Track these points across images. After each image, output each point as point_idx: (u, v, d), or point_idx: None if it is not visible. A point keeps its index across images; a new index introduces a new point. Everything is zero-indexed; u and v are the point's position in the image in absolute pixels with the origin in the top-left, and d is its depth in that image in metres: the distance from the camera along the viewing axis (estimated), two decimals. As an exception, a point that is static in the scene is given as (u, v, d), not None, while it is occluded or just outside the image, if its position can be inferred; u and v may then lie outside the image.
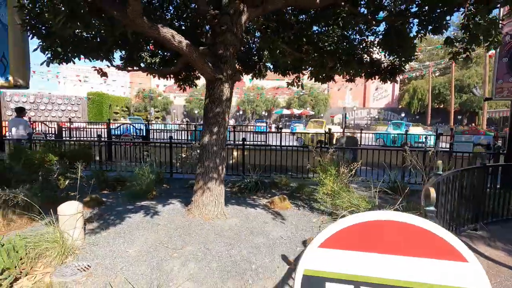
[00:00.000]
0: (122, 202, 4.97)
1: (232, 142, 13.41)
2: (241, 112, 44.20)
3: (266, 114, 45.07)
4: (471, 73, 35.08)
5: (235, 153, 9.12)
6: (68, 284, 2.65)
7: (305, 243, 3.56)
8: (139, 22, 2.94)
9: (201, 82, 7.06)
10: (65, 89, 40.40)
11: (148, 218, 4.09)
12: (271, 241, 3.57)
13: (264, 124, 31.14)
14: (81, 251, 3.20)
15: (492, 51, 6.72)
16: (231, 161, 8.77)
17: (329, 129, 9.96)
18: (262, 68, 6.32)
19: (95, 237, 3.55)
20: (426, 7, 5.01)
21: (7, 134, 8.98)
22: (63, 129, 12.84)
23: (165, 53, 5.95)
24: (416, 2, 4.91)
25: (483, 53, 26.69)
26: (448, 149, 9.38)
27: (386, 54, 5.96)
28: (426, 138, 11.65)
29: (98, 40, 4.97)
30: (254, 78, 6.42)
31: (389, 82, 6.31)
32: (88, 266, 2.92)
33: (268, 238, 3.64)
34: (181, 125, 23.30)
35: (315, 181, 6.78)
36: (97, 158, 8.06)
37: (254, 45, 6.32)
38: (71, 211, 3.31)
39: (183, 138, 15.45)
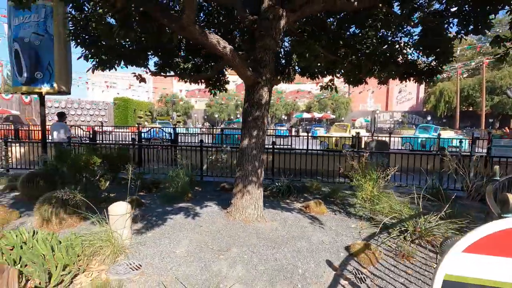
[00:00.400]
0: (160, 204, 5.11)
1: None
2: (260, 116, 44.16)
3: (286, 117, 44.93)
4: (503, 74, 33.26)
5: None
6: (123, 282, 2.75)
7: (348, 249, 3.50)
8: (191, 29, 3.04)
9: (228, 87, 7.15)
10: (93, 95, 42.37)
11: (189, 219, 4.17)
12: (313, 245, 3.53)
13: (285, 128, 31.05)
14: (130, 250, 3.32)
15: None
16: None
17: (358, 133, 9.77)
18: (291, 72, 6.33)
19: (141, 237, 3.67)
20: (467, 7, 4.84)
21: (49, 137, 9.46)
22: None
23: (196, 60, 6.10)
24: (457, 1, 4.74)
25: (517, 53, 25.29)
26: (485, 154, 8.91)
27: (421, 55, 5.80)
28: (461, 142, 11.14)
29: (137, 47, 5.18)
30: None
31: (425, 83, 6.15)
32: (139, 265, 3.02)
33: (310, 242, 3.60)
34: (202, 129, 23.74)
35: (346, 185, 6.70)
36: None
37: (282, 49, 6.35)
38: (121, 211, 3.44)
39: (207, 141, 15.68)
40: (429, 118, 36.10)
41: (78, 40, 5.50)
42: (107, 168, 5.59)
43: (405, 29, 5.70)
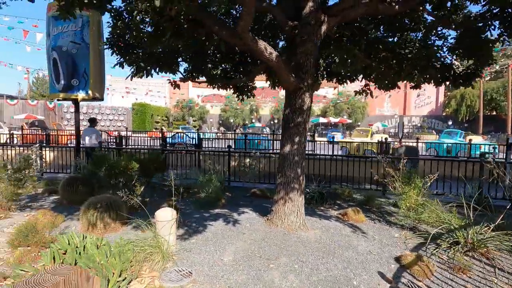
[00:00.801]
0: (195, 209, 5.12)
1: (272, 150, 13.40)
2: (275, 121, 44.23)
3: (301, 122, 44.63)
4: (530, 76, 31.88)
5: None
6: (177, 290, 2.73)
7: (398, 260, 3.37)
8: (245, 36, 3.05)
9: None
10: (112, 101, 43.60)
11: (230, 226, 4.15)
12: (361, 255, 3.43)
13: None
14: (177, 257, 3.31)
15: None
16: (274, 170, 8.74)
17: (386, 138, 9.54)
18: (319, 77, 6.27)
19: (185, 243, 3.66)
20: (510, 9, 4.66)
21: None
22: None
23: (224, 65, 6.14)
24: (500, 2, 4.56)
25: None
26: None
27: (456, 58, 5.63)
28: (494, 148, 10.68)
29: (172, 54, 5.27)
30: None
31: (462, 87, 5.95)
32: (190, 272, 3.00)
33: (357, 252, 3.50)
34: (223, 134, 23.82)
35: (379, 192, 6.52)
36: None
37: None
38: (167, 218, 3.46)
39: (225, 146, 15.72)
40: (450, 122, 35.02)
41: (115, 48, 5.66)
42: (140, 173, 5.66)
43: (439, 32, 5.55)
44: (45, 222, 4.05)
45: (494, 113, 37.96)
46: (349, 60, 4.68)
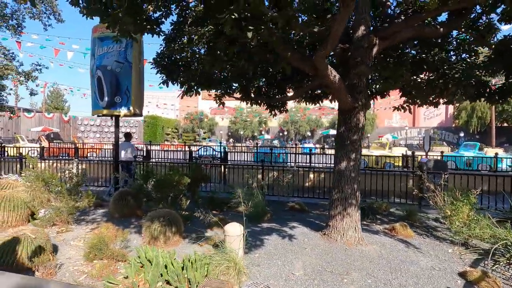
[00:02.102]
0: (243, 223, 5.23)
1: (290, 163, 13.49)
2: (285, 133, 44.47)
3: (310, 134, 44.86)
4: (541, 88, 31.83)
5: (311, 175, 9.20)
6: (262, 303, 2.84)
7: (463, 276, 3.43)
8: (321, 63, 3.28)
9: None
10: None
11: (286, 241, 4.26)
12: (426, 271, 3.51)
13: (312, 145, 30.84)
14: (249, 271, 3.43)
15: None
16: (307, 183, 8.85)
17: (413, 152, 9.63)
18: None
19: (250, 257, 3.78)
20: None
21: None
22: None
23: (261, 84, 6.41)
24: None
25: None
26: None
27: (492, 75, 5.79)
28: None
29: (223, 74, 5.54)
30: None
31: (498, 104, 6.08)
32: (268, 286, 3.12)
33: (421, 267, 3.58)
34: (234, 146, 23.98)
35: (415, 206, 6.56)
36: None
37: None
38: (236, 232, 3.59)
39: (242, 159, 15.83)
40: (462, 134, 34.83)
41: (160, 68, 5.96)
42: (188, 187, 5.83)
43: (473, 49, 5.72)
44: (109, 236, 4.21)
45: (505, 124, 37.71)
46: (395, 80, 4.89)
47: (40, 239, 3.51)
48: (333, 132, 36.77)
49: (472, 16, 5.00)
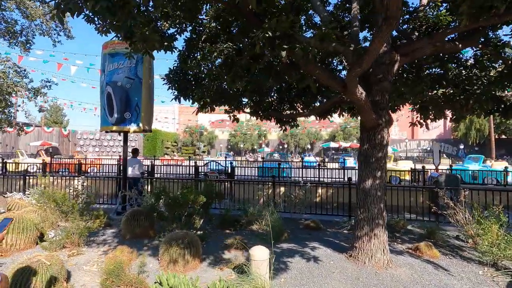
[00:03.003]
0: (260, 243, 5.03)
1: (292, 178, 13.33)
2: (285, 146, 44.44)
3: (309, 147, 44.86)
4: (537, 101, 32.32)
5: (319, 190, 9.03)
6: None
7: (503, 301, 3.26)
8: (352, 81, 3.22)
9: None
10: (123, 127, 44.20)
11: (312, 263, 4.07)
12: (463, 296, 3.33)
13: (313, 159, 30.68)
14: (277, 299, 3.24)
15: None
16: (315, 199, 8.66)
17: (423, 167, 9.53)
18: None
19: (276, 283, 3.59)
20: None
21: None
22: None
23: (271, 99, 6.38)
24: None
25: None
26: None
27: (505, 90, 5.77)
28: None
29: (237, 90, 5.48)
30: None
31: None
32: (301, 316, 2.92)
33: (457, 292, 3.41)
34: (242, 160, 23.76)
35: (432, 223, 6.38)
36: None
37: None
38: (263, 257, 3.41)
39: (246, 173, 15.63)
40: (462, 146, 35.00)
41: (174, 84, 5.91)
42: (201, 205, 5.65)
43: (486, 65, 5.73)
44: (124, 259, 4.00)
45: (503, 136, 38.02)
46: (414, 95, 4.84)
47: (55, 266, 3.30)
48: (333, 144, 36.81)
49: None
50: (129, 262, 4.10)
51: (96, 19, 3.89)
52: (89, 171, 16.71)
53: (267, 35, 2.59)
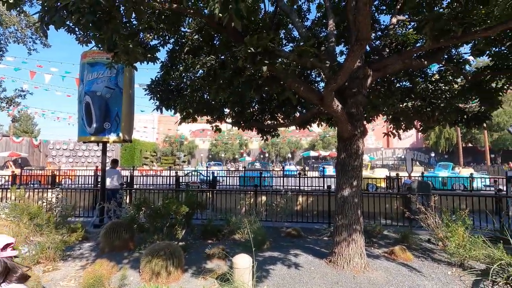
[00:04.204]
0: (243, 252, 5.08)
1: (275, 187, 13.52)
2: (267, 155, 44.74)
3: (290, 156, 45.45)
4: (498, 111, 34.94)
5: (300, 199, 9.22)
6: None
7: (469, 298, 3.52)
8: (329, 95, 3.43)
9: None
10: (100, 136, 42.71)
11: (293, 270, 4.18)
12: (434, 295, 3.56)
13: (293, 167, 31.05)
14: (260, 306, 3.30)
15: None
16: (296, 207, 8.84)
17: (397, 174, 10.01)
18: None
19: (259, 290, 3.65)
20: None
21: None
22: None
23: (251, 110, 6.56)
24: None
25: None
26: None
27: (468, 103, 6.30)
28: (495, 181, 11.41)
29: (219, 101, 5.60)
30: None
31: (474, 129, 6.58)
32: (284, 321, 3.00)
33: (428, 292, 3.63)
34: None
35: (405, 228, 6.70)
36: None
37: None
38: (245, 265, 3.48)
39: (230, 183, 15.65)
40: (433, 154, 36.91)
41: (156, 95, 5.95)
42: (183, 216, 5.62)
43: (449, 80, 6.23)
44: (104, 273, 3.91)
45: (470, 145, 40.58)
46: (385, 108, 5.18)
47: (30, 282, 3.18)
48: (313, 153, 37.58)
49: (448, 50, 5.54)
50: (109, 275, 4.01)
51: (77, 29, 3.90)
52: (62, 182, 15.99)
53: (249, 51, 2.75)
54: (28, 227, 4.50)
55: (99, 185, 10.11)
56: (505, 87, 5.67)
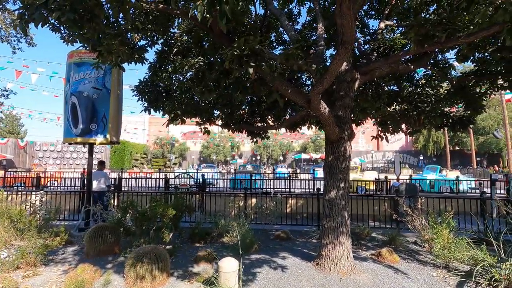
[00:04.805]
0: (232, 255, 5.03)
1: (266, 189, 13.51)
2: (258, 157, 44.73)
3: (282, 158, 45.56)
4: (484, 115, 35.90)
5: (290, 201, 9.23)
6: None
7: (452, 300, 3.57)
8: (315, 97, 3.44)
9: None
10: (89, 138, 41.92)
11: (280, 273, 4.15)
12: (419, 297, 3.59)
13: (285, 170, 31.11)
14: (246, 310, 3.26)
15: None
16: (286, 210, 8.84)
17: (386, 176, 10.13)
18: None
19: (245, 294, 3.61)
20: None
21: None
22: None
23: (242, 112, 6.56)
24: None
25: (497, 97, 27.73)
26: (506, 196, 9.33)
27: (453, 107, 6.43)
28: (480, 184, 11.67)
29: (208, 103, 5.57)
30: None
31: (460, 132, 6.70)
32: (269, 325, 2.97)
33: (414, 294, 3.66)
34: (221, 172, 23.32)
35: (392, 230, 6.78)
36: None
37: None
38: (232, 268, 3.44)
39: (221, 186, 15.51)
40: (421, 157, 37.58)
41: (145, 96, 5.87)
42: (171, 219, 5.53)
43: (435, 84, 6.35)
44: (86, 278, 3.81)
45: (457, 148, 41.50)
46: (373, 111, 5.24)
47: (8, 288, 3.07)
48: (304, 156, 37.77)
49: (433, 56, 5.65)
50: (92, 280, 3.91)
51: (62, 28, 3.81)
52: (48, 185, 15.60)
53: (236, 52, 2.73)
54: (8, 230, 4.36)
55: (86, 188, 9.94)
56: (488, 92, 5.81)
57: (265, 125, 6.40)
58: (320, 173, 25.47)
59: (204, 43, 5.24)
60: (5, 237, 4.36)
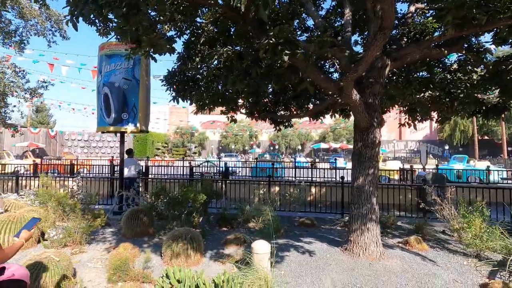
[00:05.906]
0: (259, 239, 5.22)
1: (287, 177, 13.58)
2: (276, 147, 44.76)
3: (300, 148, 45.32)
4: (517, 103, 33.74)
5: (313, 190, 9.28)
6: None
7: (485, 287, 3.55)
8: (348, 84, 3.45)
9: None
10: (113, 128, 43.55)
11: (307, 257, 4.28)
12: (449, 284, 3.61)
13: (304, 159, 31.00)
14: (279, 289, 3.42)
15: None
16: (309, 198, 8.90)
17: (411, 166, 9.93)
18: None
19: (276, 275, 3.77)
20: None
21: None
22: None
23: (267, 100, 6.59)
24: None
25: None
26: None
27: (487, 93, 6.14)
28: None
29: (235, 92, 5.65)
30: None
31: (491, 121, 6.42)
32: (302, 304, 3.12)
33: (444, 280, 3.68)
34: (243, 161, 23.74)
35: (420, 219, 6.70)
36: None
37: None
38: (264, 250, 3.59)
39: (243, 174, 15.74)
40: (447, 147, 36.14)
41: (173, 86, 6.04)
42: (202, 204, 5.78)
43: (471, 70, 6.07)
44: (128, 256, 4.11)
45: (486, 137, 39.47)
46: (403, 98, 5.14)
47: (63, 261, 3.40)
48: (324, 145, 37.33)
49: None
50: (133, 258, 4.21)
51: (97, 21, 3.99)
52: (79, 172, 16.53)
53: (271, 41, 2.78)
54: (55, 212, 4.74)
55: (115, 174, 10.49)
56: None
57: (289, 113, 6.43)
58: (340, 162, 25.23)
59: (230, 32, 5.29)
60: (53, 217, 4.75)
